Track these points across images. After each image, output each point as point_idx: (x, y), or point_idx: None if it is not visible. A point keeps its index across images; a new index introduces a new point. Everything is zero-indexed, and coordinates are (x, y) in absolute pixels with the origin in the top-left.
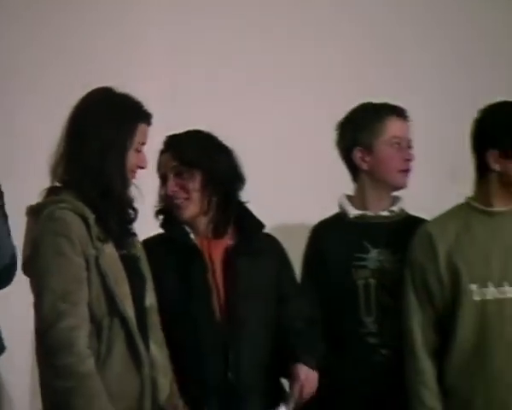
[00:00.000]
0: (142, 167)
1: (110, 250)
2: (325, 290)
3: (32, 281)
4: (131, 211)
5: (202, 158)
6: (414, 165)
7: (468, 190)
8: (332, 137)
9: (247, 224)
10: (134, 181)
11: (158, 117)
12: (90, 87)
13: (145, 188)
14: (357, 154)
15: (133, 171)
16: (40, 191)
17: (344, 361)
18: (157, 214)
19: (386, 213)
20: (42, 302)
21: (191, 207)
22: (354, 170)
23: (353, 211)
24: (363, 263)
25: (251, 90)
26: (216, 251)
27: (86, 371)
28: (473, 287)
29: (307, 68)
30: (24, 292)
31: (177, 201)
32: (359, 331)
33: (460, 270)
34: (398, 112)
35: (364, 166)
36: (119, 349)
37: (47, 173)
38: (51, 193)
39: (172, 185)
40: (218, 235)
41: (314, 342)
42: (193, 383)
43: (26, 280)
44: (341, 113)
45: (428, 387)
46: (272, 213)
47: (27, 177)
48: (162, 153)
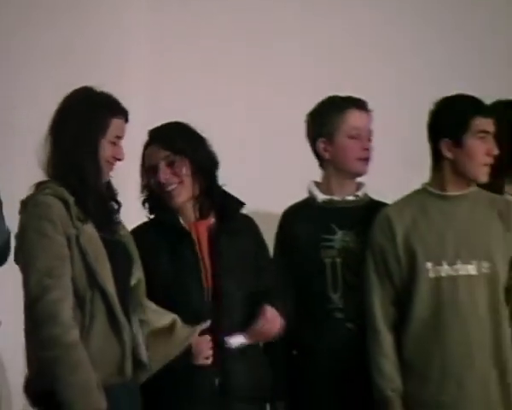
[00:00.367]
0: (118, 159)
1: (90, 230)
2: (296, 269)
3: (20, 264)
4: (112, 198)
5: (191, 146)
6: (377, 154)
7: (426, 178)
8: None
9: (228, 203)
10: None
11: (137, 116)
12: (74, 86)
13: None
14: (320, 144)
15: (109, 162)
16: (30, 186)
17: (313, 334)
18: (144, 203)
19: (351, 197)
20: (29, 280)
21: (184, 192)
22: (320, 159)
23: (321, 196)
24: (330, 244)
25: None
26: (201, 230)
27: (70, 341)
28: (428, 265)
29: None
30: None
31: (171, 187)
32: (327, 307)
33: (416, 250)
34: (358, 104)
35: (327, 155)
36: (101, 321)
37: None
38: (39, 186)
39: (166, 173)
40: (203, 216)
41: (282, 296)
42: None
43: None
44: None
45: (387, 357)
46: (245, 198)
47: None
48: (148, 145)
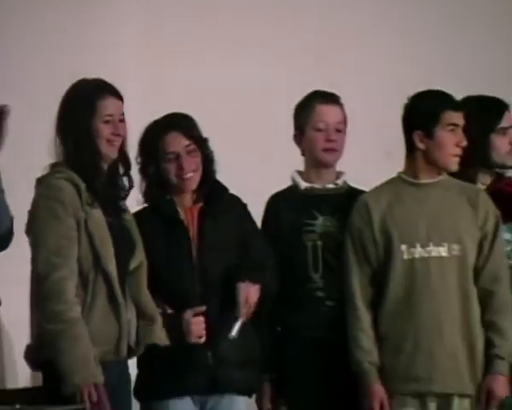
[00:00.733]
0: (117, 134)
1: (98, 215)
2: (280, 251)
3: (30, 240)
4: (125, 172)
5: (203, 139)
6: (357, 145)
7: (401, 167)
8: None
9: (215, 188)
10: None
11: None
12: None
13: None
14: (295, 137)
15: (109, 140)
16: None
17: (296, 311)
18: (150, 187)
19: (331, 185)
20: (38, 257)
21: (196, 181)
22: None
23: (303, 184)
24: (311, 228)
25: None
26: (194, 214)
27: (73, 316)
28: (403, 247)
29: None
30: None
31: (189, 175)
32: (308, 286)
33: (392, 233)
34: (325, 98)
35: (301, 147)
36: (102, 301)
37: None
38: (53, 167)
39: (190, 162)
40: (196, 202)
41: (260, 268)
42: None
43: None
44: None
45: (365, 332)
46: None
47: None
48: (167, 132)
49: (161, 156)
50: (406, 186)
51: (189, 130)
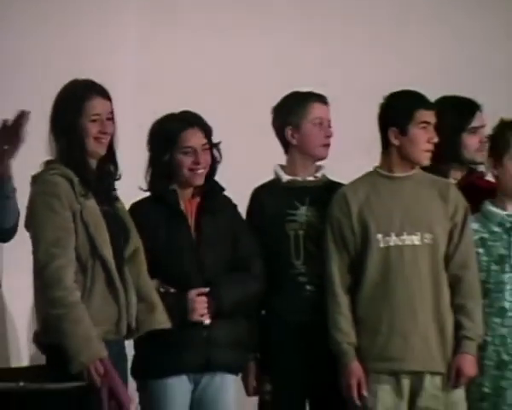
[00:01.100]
0: (105, 132)
1: (92, 204)
2: (264, 240)
3: (30, 233)
4: (113, 166)
5: (215, 140)
6: (336, 141)
7: (377, 162)
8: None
9: (213, 186)
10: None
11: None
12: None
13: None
14: (288, 132)
15: (97, 138)
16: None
17: (279, 296)
18: (158, 176)
19: (311, 178)
20: (38, 249)
21: (204, 176)
22: (286, 145)
23: (285, 177)
24: (293, 218)
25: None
26: (192, 207)
27: (72, 301)
28: (379, 236)
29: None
30: None
31: (202, 170)
32: (290, 272)
33: (368, 223)
34: (320, 98)
35: (294, 141)
36: (100, 285)
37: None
38: (47, 164)
39: (204, 159)
40: (195, 196)
41: (245, 265)
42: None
43: None
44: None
45: (344, 315)
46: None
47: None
48: (188, 126)
49: (178, 149)
50: (382, 179)
51: (208, 130)
